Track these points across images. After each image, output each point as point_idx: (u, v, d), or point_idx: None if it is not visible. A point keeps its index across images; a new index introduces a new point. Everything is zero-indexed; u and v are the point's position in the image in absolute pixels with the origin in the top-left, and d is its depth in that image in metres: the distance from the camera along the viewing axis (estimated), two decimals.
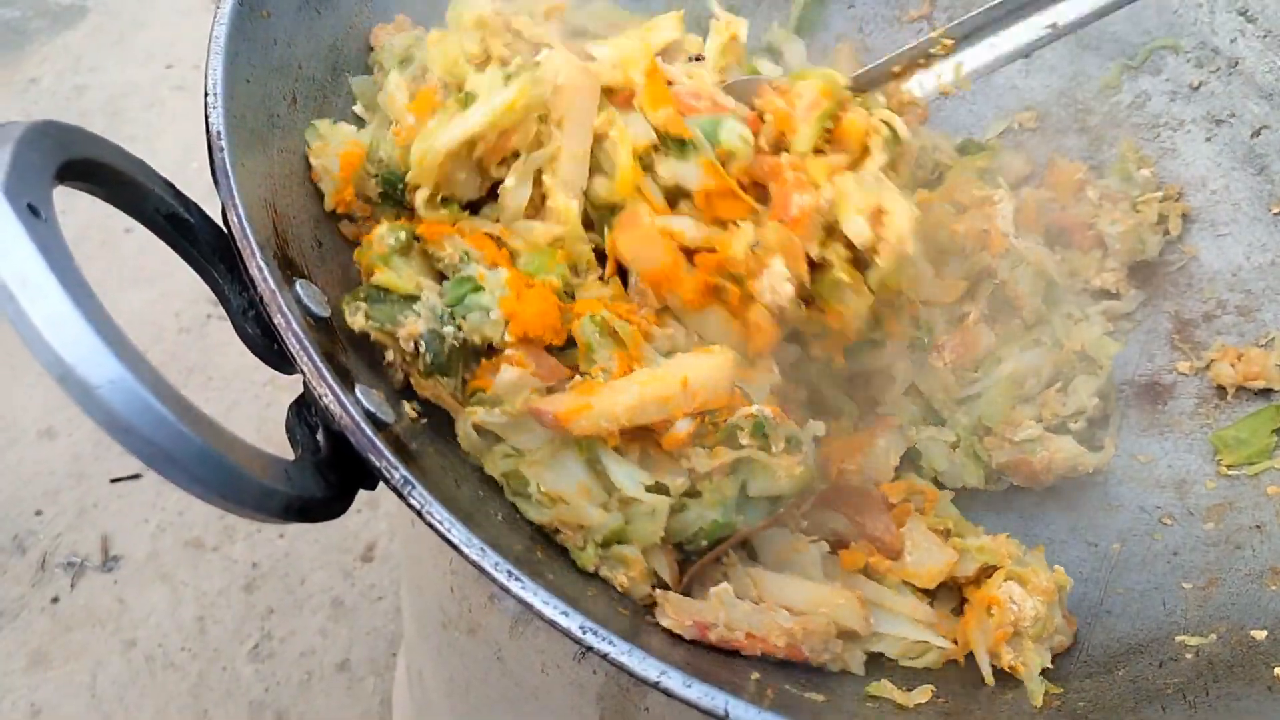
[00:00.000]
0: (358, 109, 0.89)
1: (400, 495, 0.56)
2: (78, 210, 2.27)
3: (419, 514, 0.55)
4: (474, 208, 0.84)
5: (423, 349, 0.72)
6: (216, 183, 0.65)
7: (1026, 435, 0.92)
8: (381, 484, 0.60)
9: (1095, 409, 0.96)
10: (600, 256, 0.82)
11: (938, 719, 0.66)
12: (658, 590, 0.71)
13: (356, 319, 0.71)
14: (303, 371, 0.59)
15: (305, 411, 0.63)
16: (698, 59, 0.93)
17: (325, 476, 0.58)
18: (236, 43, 0.72)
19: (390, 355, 0.74)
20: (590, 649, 0.53)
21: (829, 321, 0.83)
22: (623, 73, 0.82)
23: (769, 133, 0.84)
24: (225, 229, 0.65)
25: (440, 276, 0.78)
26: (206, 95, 0.68)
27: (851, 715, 0.66)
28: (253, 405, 2.11)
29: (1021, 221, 1.08)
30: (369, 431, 0.58)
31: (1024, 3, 0.90)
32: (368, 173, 0.82)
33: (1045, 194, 1.11)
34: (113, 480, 1.98)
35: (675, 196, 0.81)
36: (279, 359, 0.66)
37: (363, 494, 0.64)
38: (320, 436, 0.61)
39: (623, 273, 0.81)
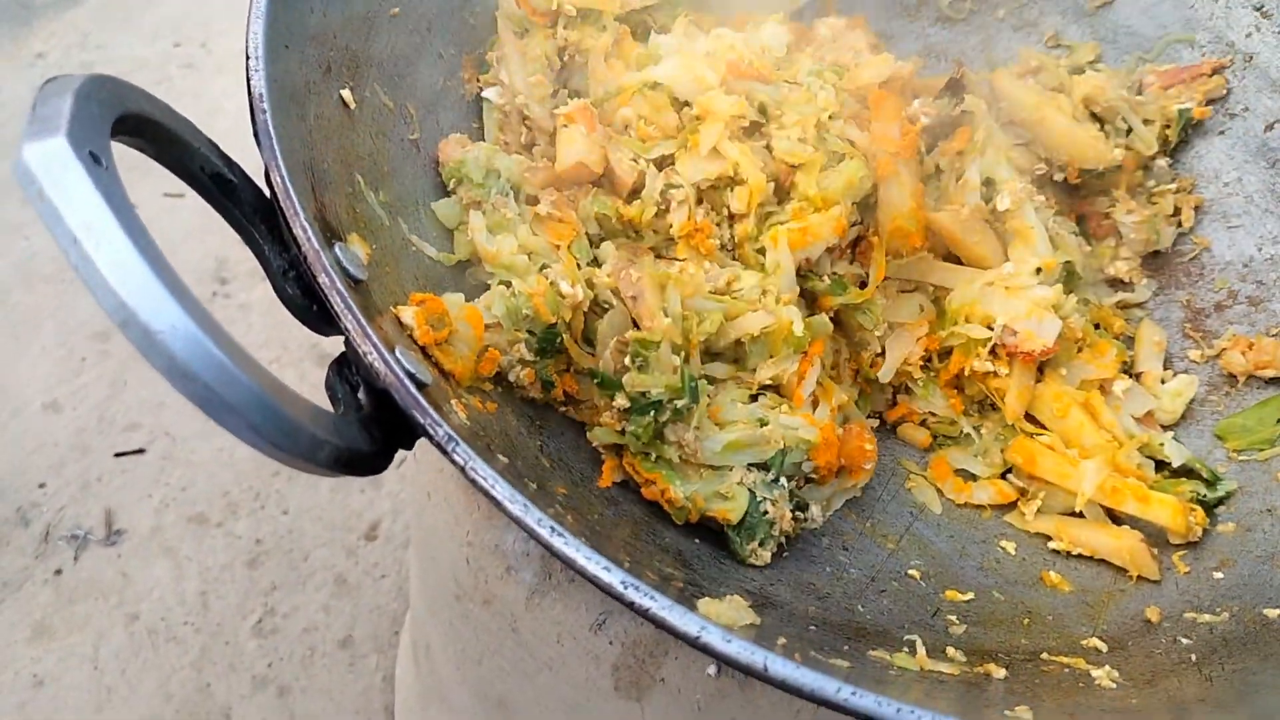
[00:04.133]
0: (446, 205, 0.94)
1: (444, 451, 0.56)
2: None
3: (463, 470, 0.56)
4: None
5: (804, 518, 0.86)
6: (260, 144, 0.65)
7: None
8: (396, 456, 0.62)
9: None
10: None
11: (962, 688, 0.67)
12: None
13: (763, 555, 0.81)
14: (347, 330, 0.60)
15: (346, 370, 0.63)
16: None
17: (369, 431, 0.58)
18: (276, 8, 0.73)
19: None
20: (631, 605, 0.53)
21: None
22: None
23: None
24: (268, 190, 0.65)
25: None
26: (248, 58, 0.69)
27: (877, 681, 0.66)
28: None
29: None
30: (412, 389, 0.58)
31: None
32: (515, 335, 0.82)
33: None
34: (117, 454, 1.97)
35: None
36: (317, 319, 0.66)
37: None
38: (361, 395, 0.62)
39: None
